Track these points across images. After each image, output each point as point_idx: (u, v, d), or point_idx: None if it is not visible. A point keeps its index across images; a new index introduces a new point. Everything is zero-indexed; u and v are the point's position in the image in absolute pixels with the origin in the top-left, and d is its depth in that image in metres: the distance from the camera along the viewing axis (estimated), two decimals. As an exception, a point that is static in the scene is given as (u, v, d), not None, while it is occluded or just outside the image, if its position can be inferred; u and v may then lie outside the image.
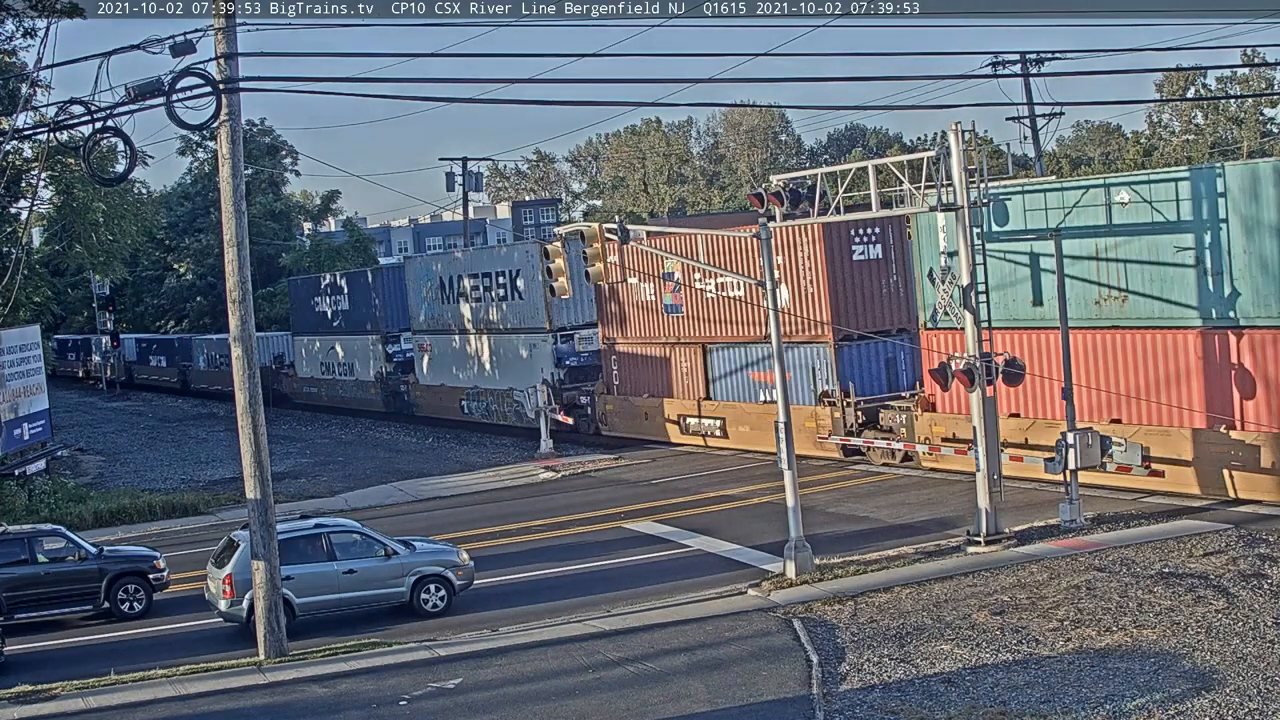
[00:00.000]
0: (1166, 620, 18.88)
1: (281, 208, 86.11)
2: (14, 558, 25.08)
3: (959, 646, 18.57)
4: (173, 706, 18.70)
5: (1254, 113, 69.77)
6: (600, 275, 26.97)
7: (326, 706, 18.36)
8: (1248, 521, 24.79)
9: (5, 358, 39.57)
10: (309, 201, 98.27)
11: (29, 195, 42.96)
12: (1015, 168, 47.52)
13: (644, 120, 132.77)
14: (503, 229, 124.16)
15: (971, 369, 24.97)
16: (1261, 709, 15.29)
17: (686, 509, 31.57)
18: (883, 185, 27.15)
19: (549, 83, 30.86)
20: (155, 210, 67.19)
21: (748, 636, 20.22)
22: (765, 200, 27.16)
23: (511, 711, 17.53)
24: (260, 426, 21.33)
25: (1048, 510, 26.63)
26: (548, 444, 42.39)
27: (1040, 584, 21.50)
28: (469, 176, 70.41)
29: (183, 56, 19.44)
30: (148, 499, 38.13)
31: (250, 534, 21.55)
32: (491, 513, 33.60)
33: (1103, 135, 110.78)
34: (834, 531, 27.32)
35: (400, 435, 52.43)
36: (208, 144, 79.01)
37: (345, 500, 37.26)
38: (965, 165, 25.12)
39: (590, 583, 25.09)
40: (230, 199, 21.12)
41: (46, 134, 25.28)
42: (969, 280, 25.23)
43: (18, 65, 39.59)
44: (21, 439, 40.69)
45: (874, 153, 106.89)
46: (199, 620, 24.29)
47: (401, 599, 23.67)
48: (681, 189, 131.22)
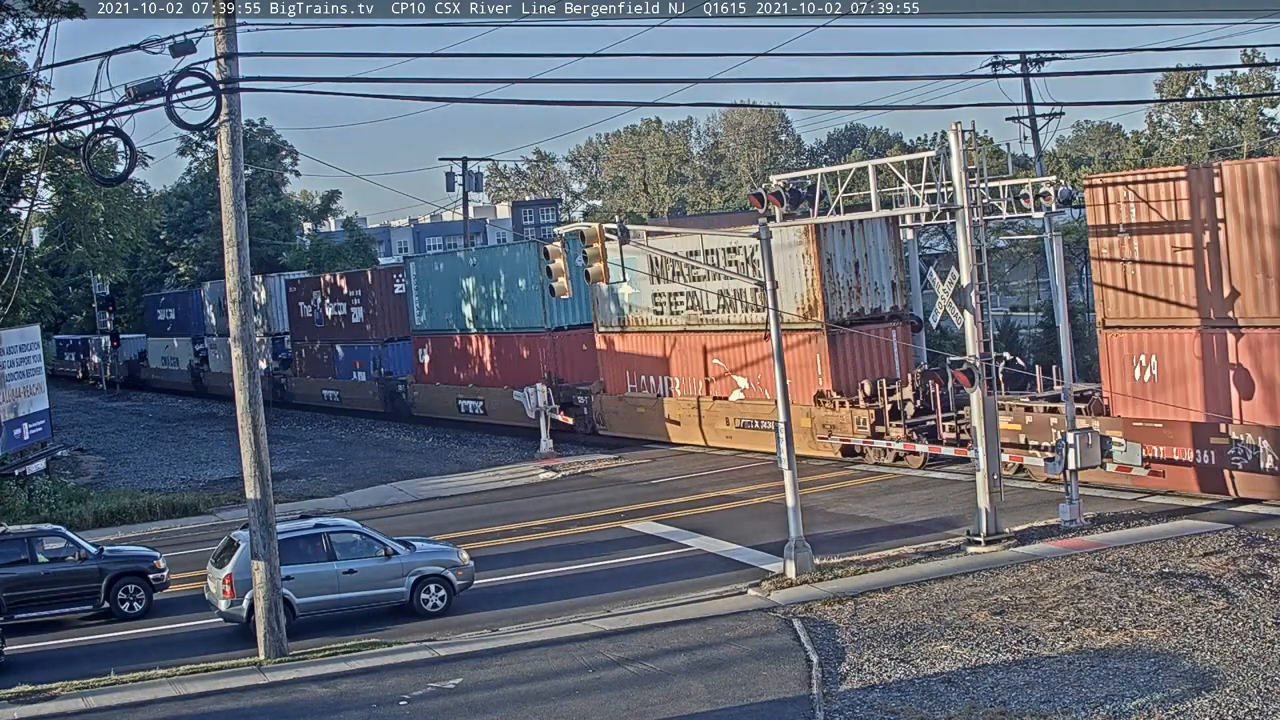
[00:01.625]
0: (1166, 620, 18.89)
1: (281, 208, 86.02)
2: (14, 558, 25.07)
3: (959, 646, 18.58)
4: (173, 706, 18.70)
5: (1254, 113, 69.74)
6: (600, 275, 26.97)
7: (326, 706, 18.37)
8: (1248, 521, 24.80)
9: (5, 358, 39.58)
10: (309, 201, 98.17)
11: (29, 195, 42.95)
12: (1015, 168, 47.47)
13: (644, 120, 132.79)
14: (503, 229, 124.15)
15: (971, 369, 24.99)
16: (1261, 709, 15.30)
17: (686, 509, 31.57)
18: (883, 185, 27.17)
19: (549, 83, 30.81)
20: (156, 211, 67.14)
21: (748, 636, 20.22)
22: (765, 200, 27.17)
23: (511, 711, 17.53)
24: (260, 426, 21.34)
25: (1048, 510, 26.64)
26: (548, 444, 42.39)
27: (1040, 584, 21.51)
28: (469, 176, 70.39)
29: (183, 56, 19.44)
30: (148, 499, 38.10)
31: (250, 534, 21.55)
32: (491, 513, 33.59)
33: (1103, 135, 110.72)
34: (834, 531, 27.32)
35: (400, 435, 52.41)
36: (208, 144, 78.95)
37: (345, 500, 37.26)
38: (965, 165, 25.13)
39: (590, 583, 25.09)
40: (230, 199, 21.12)
41: (46, 134, 25.27)
42: (969, 280, 25.25)
43: (18, 65, 39.57)
44: (21, 439, 40.69)
45: (874, 153, 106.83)
46: (199, 620, 24.29)
47: (401, 599, 23.67)
48: (681, 189, 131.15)
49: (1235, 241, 25.98)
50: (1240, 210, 25.85)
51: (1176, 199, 26.98)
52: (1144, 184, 27.85)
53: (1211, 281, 26.50)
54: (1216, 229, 26.30)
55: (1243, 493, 25.99)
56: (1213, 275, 26.46)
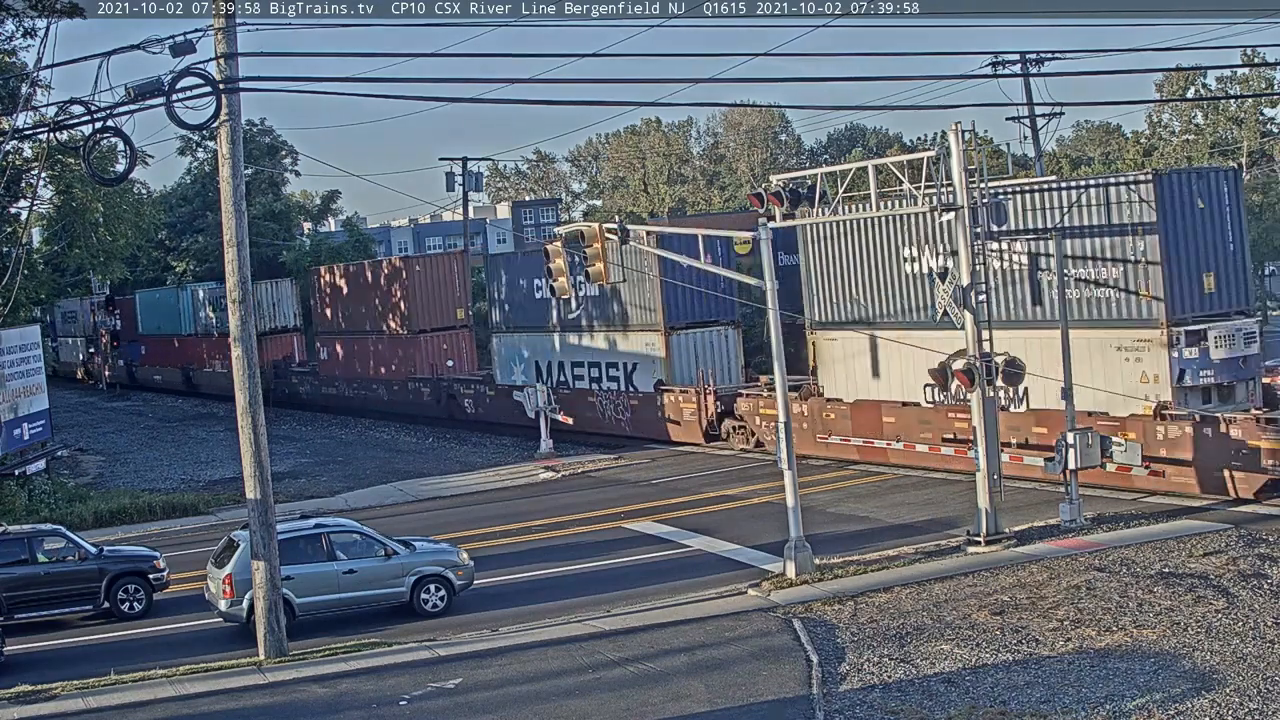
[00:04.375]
0: (1166, 620, 18.89)
1: (281, 208, 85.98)
2: (14, 558, 25.05)
3: (959, 646, 18.58)
4: (173, 706, 18.70)
5: (1254, 113, 69.64)
6: (600, 276, 26.99)
7: (326, 706, 18.37)
8: (1248, 521, 24.80)
9: (5, 358, 39.54)
10: (309, 201, 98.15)
11: (29, 195, 42.91)
12: (1015, 168, 47.46)
13: (644, 120, 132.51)
14: (503, 229, 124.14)
15: (971, 369, 24.98)
16: (1261, 709, 15.30)
17: (686, 509, 31.57)
18: (883, 185, 27.17)
19: (549, 83, 30.78)
20: (156, 211, 67.05)
21: (748, 636, 20.23)
22: (765, 200, 27.17)
23: (511, 711, 17.54)
24: (260, 426, 21.34)
25: (1048, 510, 26.64)
26: (548, 444, 42.38)
27: (1040, 584, 21.51)
28: (469, 176, 70.34)
29: (183, 56, 19.42)
30: (148, 499, 38.10)
31: (250, 534, 21.55)
32: (491, 513, 33.59)
33: (1103, 135, 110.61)
34: (834, 531, 27.32)
35: (400, 435, 52.40)
36: (208, 144, 78.92)
37: (345, 500, 37.25)
38: (965, 165, 25.13)
39: (590, 583, 25.09)
40: (230, 199, 21.12)
41: (46, 134, 25.25)
42: (969, 280, 25.25)
43: (18, 65, 39.54)
44: (21, 439, 40.62)
45: (874, 153, 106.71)
46: (199, 620, 24.28)
47: (401, 599, 23.66)
48: (681, 189, 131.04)
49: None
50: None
51: None
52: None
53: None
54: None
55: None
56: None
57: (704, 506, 31.73)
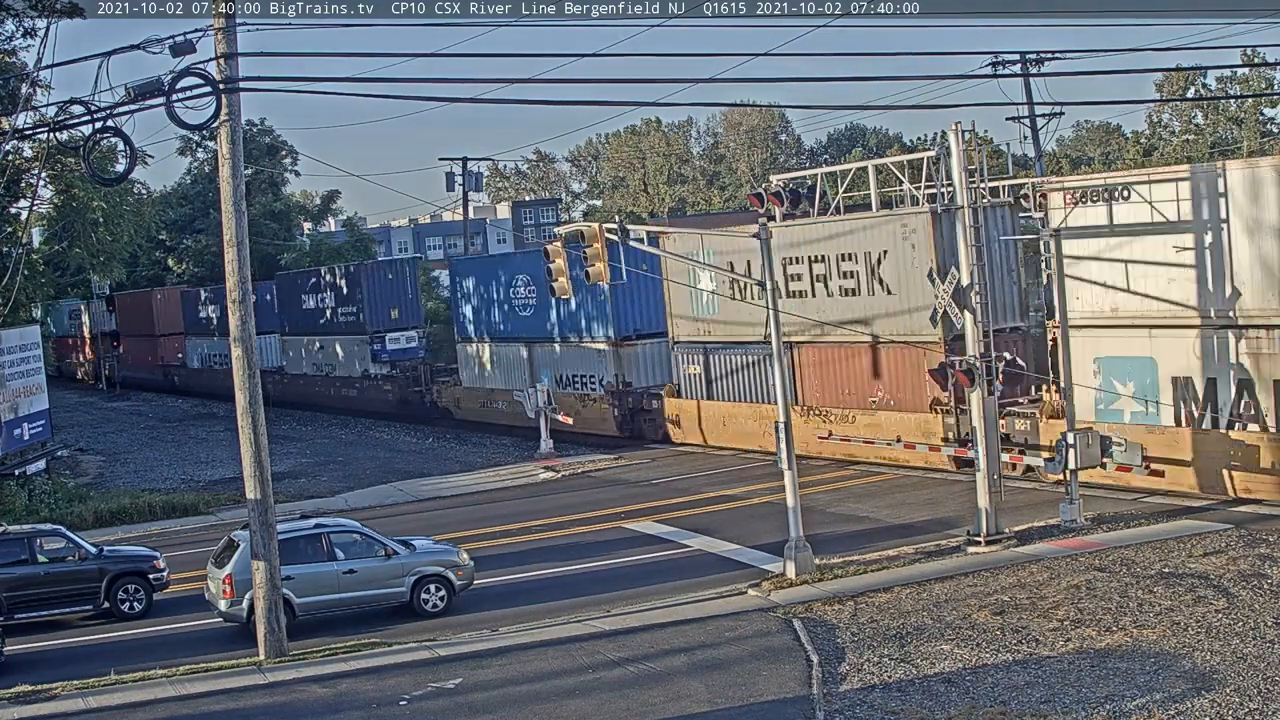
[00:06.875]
0: (1166, 620, 18.89)
1: (281, 208, 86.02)
2: (14, 558, 25.06)
3: (959, 646, 18.58)
4: (173, 706, 18.70)
5: (1254, 113, 69.69)
6: (600, 276, 26.97)
7: (326, 706, 18.37)
8: (1248, 521, 24.80)
9: (5, 358, 39.54)
10: (309, 201, 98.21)
11: (29, 195, 42.92)
12: (1015, 168, 47.46)
13: (644, 120, 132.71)
14: (503, 229, 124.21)
15: (972, 369, 24.99)
16: (1261, 709, 15.29)
17: (686, 509, 31.57)
18: (883, 185, 27.19)
19: (549, 83, 30.70)
20: (156, 211, 67.09)
21: (748, 636, 20.22)
22: (765, 200, 27.20)
23: (511, 711, 17.53)
24: (260, 426, 21.33)
25: (1048, 510, 26.64)
26: (548, 444, 42.38)
27: (1040, 584, 21.51)
28: (469, 176, 70.39)
29: (183, 56, 19.43)
30: (148, 499, 38.11)
31: (250, 534, 21.55)
32: (491, 513, 33.59)
33: (1103, 135, 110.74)
34: (834, 531, 27.31)
35: (400, 435, 52.42)
36: (208, 144, 78.98)
37: (345, 500, 37.26)
38: (965, 165, 25.13)
39: (590, 583, 25.08)
40: (230, 199, 21.12)
41: (46, 134, 25.27)
42: (968, 280, 25.24)
43: (18, 65, 39.54)
44: (21, 439, 40.63)
45: (874, 153, 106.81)
46: (199, 620, 24.28)
47: (401, 599, 23.66)
48: (681, 189, 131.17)
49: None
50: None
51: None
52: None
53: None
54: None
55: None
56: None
57: (704, 506, 31.72)
